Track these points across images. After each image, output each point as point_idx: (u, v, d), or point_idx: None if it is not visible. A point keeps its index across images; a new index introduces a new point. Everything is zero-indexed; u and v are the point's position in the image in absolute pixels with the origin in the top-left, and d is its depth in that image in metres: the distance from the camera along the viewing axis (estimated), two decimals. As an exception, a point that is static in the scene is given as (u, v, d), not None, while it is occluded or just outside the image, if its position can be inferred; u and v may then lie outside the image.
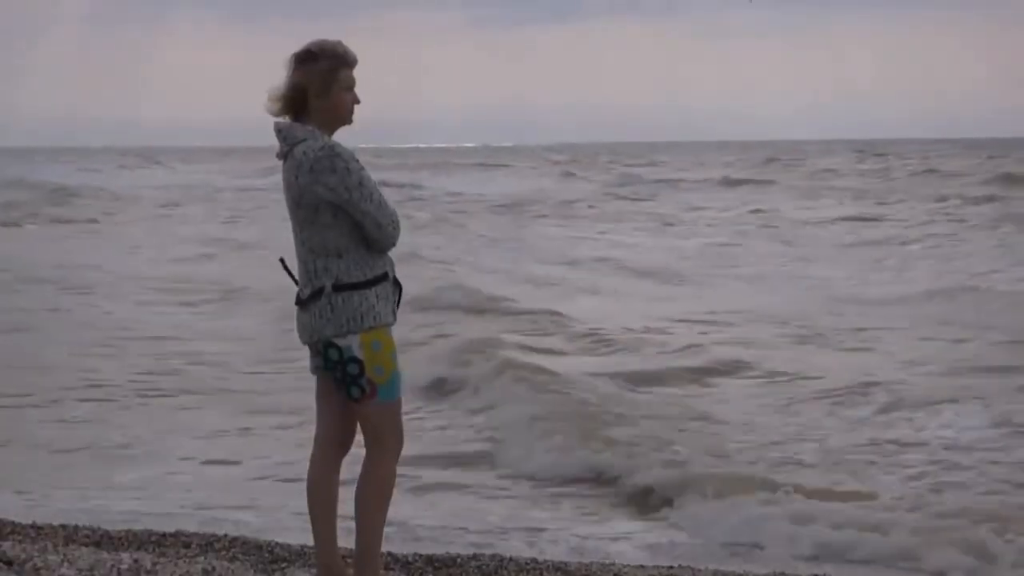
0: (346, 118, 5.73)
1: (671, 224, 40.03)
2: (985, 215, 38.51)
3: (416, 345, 15.34)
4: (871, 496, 9.25)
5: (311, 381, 5.87)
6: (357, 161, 5.60)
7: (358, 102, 5.74)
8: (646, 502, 9.55)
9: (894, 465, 10.43)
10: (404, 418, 5.82)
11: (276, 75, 5.69)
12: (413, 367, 13.07)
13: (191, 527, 8.01)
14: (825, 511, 8.73)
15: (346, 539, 5.85)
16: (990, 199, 43.93)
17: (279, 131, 5.67)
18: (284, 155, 5.66)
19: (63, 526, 7.78)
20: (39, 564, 6.58)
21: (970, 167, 63.71)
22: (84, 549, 7.03)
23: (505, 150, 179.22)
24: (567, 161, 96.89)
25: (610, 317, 18.79)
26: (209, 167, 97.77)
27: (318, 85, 5.63)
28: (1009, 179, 51.89)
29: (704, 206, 47.50)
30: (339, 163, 5.55)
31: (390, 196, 5.85)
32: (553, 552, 7.93)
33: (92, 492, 9.75)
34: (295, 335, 5.84)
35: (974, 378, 13.96)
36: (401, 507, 7.86)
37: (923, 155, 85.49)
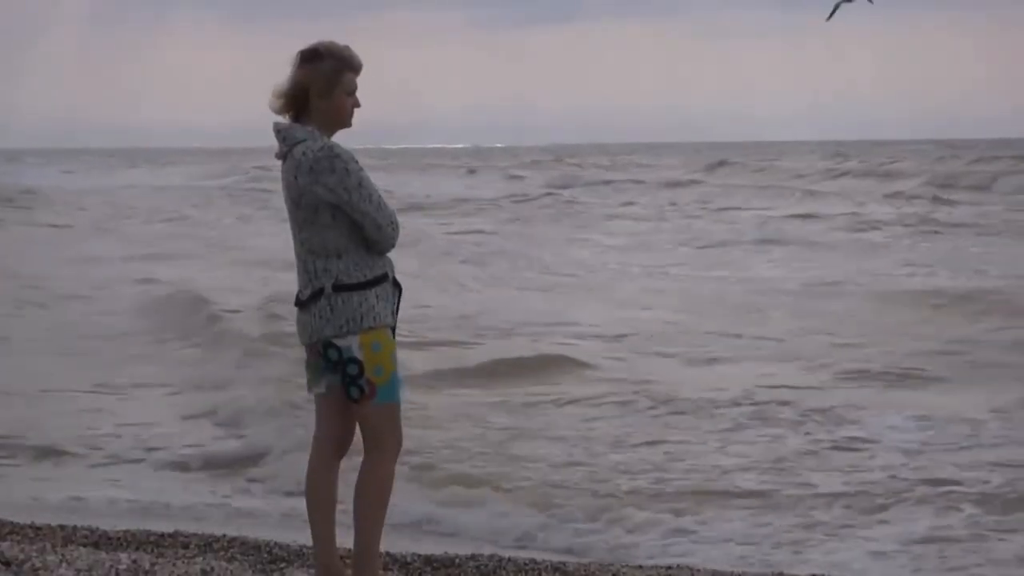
0: (345, 121, 5.73)
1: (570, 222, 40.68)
2: (898, 216, 39.23)
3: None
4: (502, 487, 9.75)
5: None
6: (356, 162, 5.60)
7: (358, 106, 5.75)
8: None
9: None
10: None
11: (276, 76, 5.71)
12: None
13: (190, 527, 8.02)
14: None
15: (345, 539, 5.84)
16: (913, 200, 44.25)
17: (278, 132, 5.67)
18: (283, 156, 5.67)
19: (61, 526, 7.78)
20: (37, 564, 6.57)
21: (923, 168, 64.62)
22: (82, 549, 7.02)
23: (496, 151, 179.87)
24: (539, 162, 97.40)
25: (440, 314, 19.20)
26: (186, 169, 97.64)
27: (321, 85, 5.64)
28: (949, 182, 52.55)
29: (620, 204, 48.45)
30: (338, 164, 5.55)
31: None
32: (551, 553, 7.97)
33: (87, 490, 9.80)
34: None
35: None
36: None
37: (887, 157, 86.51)
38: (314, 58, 5.65)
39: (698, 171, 73.33)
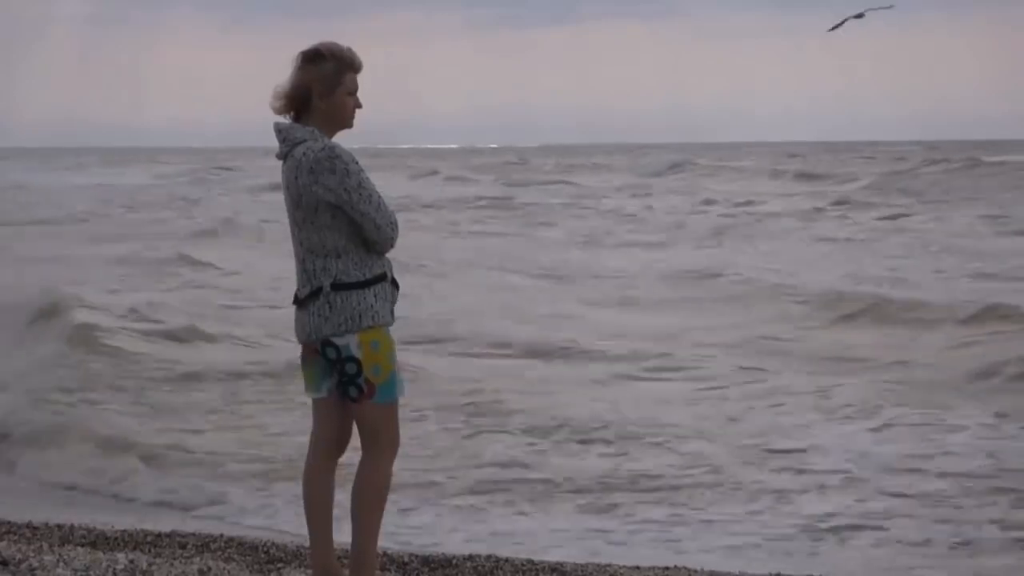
0: (347, 122, 5.74)
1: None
2: (798, 216, 40.21)
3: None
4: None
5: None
6: (357, 163, 5.60)
7: (359, 107, 5.76)
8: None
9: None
10: None
11: (276, 76, 5.72)
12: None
13: (187, 527, 8.02)
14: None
15: (342, 539, 5.84)
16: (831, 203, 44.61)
17: (279, 131, 5.67)
18: (284, 155, 5.67)
19: (59, 526, 7.79)
20: (35, 564, 6.58)
21: (872, 170, 65.67)
22: (80, 549, 7.04)
23: (488, 151, 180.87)
24: (508, 164, 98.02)
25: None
26: (156, 168, 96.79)
27: (323, 85, 5.64)
28: (887, 185, 53.43)
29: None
30: (339, 164, 5.56)
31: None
32: (548, 552, 7.97)
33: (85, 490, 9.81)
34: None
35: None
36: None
37: (840, 158, 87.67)
38: (316, 58, 5.66)
39: (651, 173, 73.67)
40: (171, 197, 54.33)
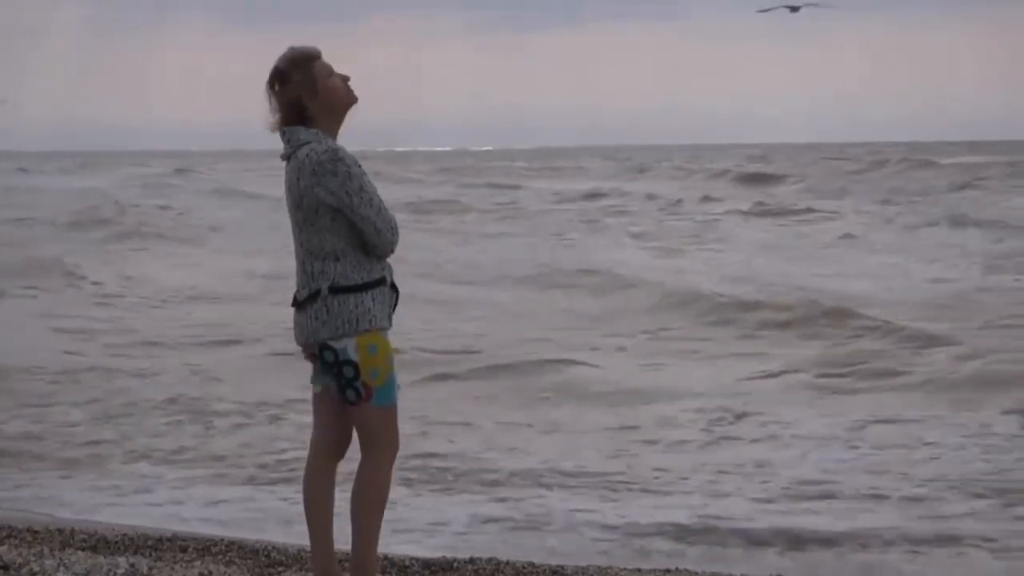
0: (348, 98, 5.72)
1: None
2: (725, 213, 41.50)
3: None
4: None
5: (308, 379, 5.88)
6: (359, 166, 5.61)
7: (348, 79, 5.74)
8: None
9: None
10: None
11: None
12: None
13: (188, 531, 8.02)
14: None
15: (342, 542, 5.84)
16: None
17: (283, 133, 5.69)
18: (287, 157, 5.69)
19: (59, 530, 7.78)
20: (35, 569, 6.59)
21: (823, 172, 66.64)
22: (80, 553, 7.04)
23: (479, 153, 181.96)
24: (480, 168, 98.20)
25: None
26: (128, 171, 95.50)
27: (305, 90, 5.64)
28: (821, 187, 54.25)
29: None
30: (341, 167, 5.56)
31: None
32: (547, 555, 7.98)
33: (88, 493, 9.81)
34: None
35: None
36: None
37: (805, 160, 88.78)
38: (281, 78, 5.67)
39: (607, 176, 73.98)
40: (105, 201, 52.52)
